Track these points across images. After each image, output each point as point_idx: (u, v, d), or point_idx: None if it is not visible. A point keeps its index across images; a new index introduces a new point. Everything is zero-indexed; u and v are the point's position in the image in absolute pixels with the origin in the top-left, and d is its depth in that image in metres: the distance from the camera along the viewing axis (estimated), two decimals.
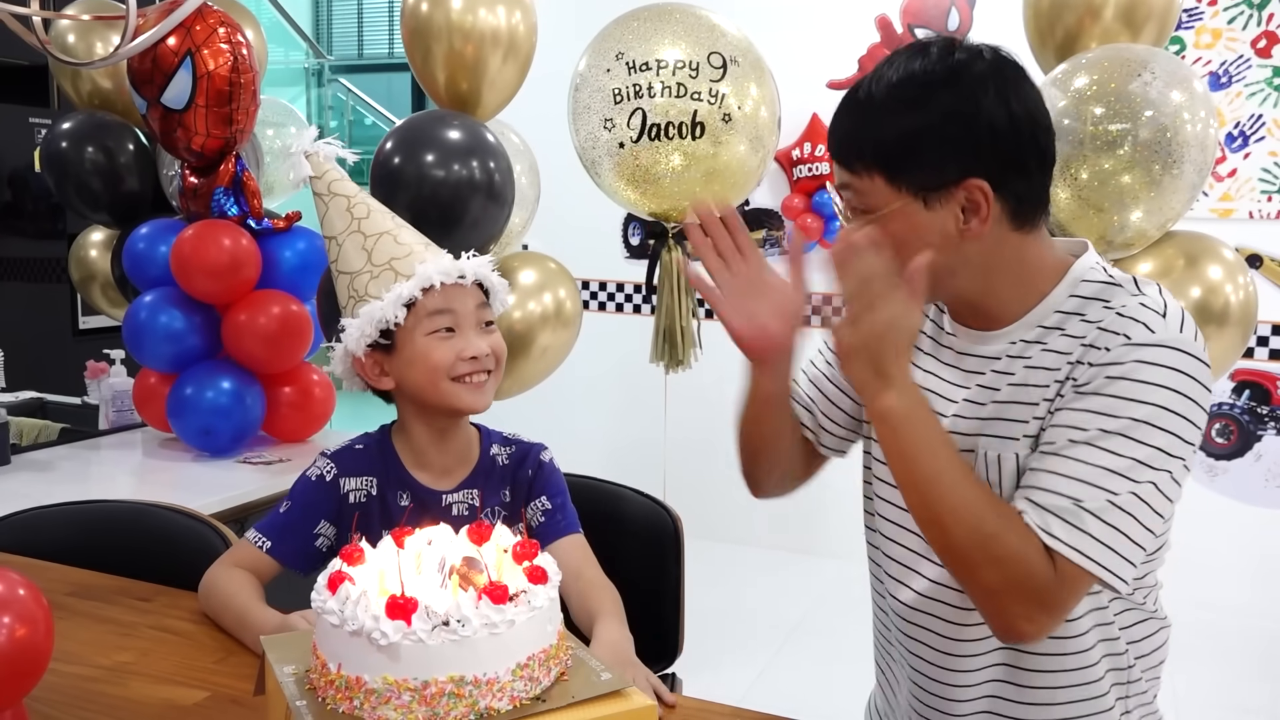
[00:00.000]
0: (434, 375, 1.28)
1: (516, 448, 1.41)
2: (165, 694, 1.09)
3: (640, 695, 0.84)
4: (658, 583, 1.60)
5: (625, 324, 4.66)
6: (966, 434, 1.13)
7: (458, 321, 1.29)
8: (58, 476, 2.25)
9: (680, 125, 2.36)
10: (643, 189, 2.47)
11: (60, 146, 2.81)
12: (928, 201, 1.06)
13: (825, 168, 4.10)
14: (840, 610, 3.77)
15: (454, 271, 1.28)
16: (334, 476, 1.33)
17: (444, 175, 2.28)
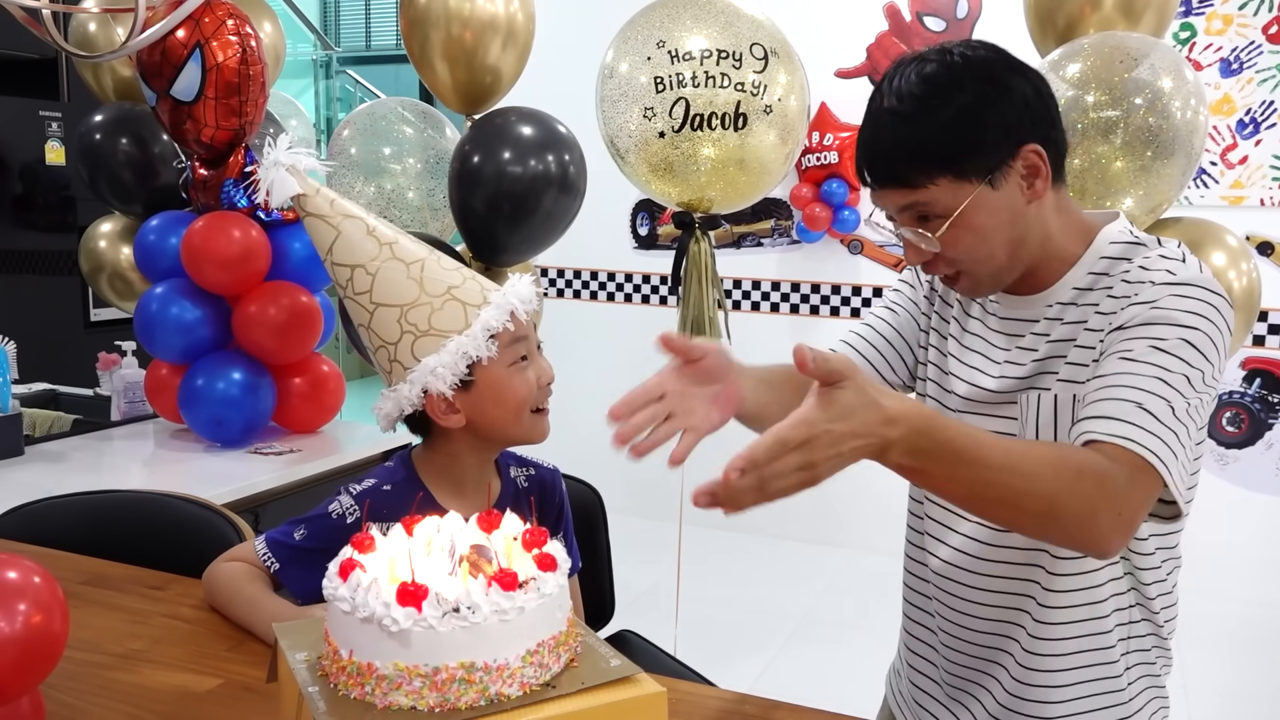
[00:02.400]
0: (519, 409, 1.24)
1: (534, 471, 1.38)
2: (179, 681, 1.10)
3: (650, 681, 0.85)
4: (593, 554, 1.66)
5: (634, 314, 4.67)
6: (1007, 391, 1.18)
7: (530, 349, 1.25)
8: (70, 467, 2.26)
9: (724, 116, 2.36)
10: (673, 179, 2.47)
11: (94, 139, 2.82)
12: (994, 182, 1.09)
13: (834, 157, 4.09)
14: (849, 599, 3.78)
15: (532, 298, 1.23)
16: (356, 519, 1.25)
17: (520, 171, 2.33)
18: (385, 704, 0.79)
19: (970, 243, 1.11)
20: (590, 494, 1.71)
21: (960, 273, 1.15)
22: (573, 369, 4.63)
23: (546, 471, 1.40)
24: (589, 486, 1.72)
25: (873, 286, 4.23)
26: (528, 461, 1.38)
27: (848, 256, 4.26)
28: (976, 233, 1.10)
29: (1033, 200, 1.11)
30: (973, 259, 1.12)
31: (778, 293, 4.41)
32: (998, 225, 1.10)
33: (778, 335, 4.41)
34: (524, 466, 1.38)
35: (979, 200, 1.09)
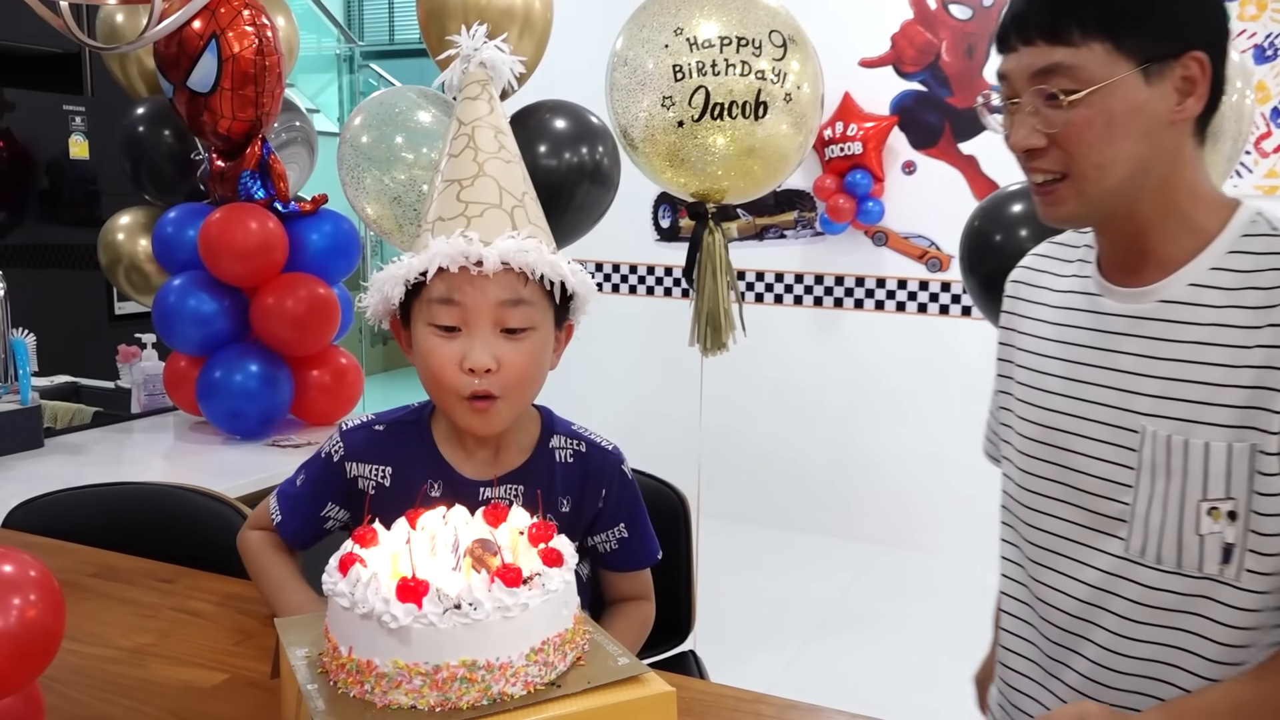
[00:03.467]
0: (436, 383, 1.09)
1: (586, 447, 1.21)
2: (184, 676, 1.09)
3: (658, 681, 0.82)
4: (670, 562, 1.55)
5: (656, 307, 4.64)
6: (1121, 409, 1.04)
7: (466, 318, 1.07)
8: (89, 459, 2.26)
9: (744, 105, 2.31)
10: (686, 169, 2.43)
11: (137, 131, 2.81)
12: (1149, 75, 0.97)
13: (858, 147, 4.04)
14: (876, 595, 3.74)
15: (457, 255, 1.04)
16: (340, 458, 1.19)
17: (555, 164, 2.31)
18: (385, 703, 0.77)
19: (1097, 133, 0.97)
20: (671, 497, 1.59)
21: (1066, 176, 1.01)
22: (592, 361, 4.62)
23: (601, 451, 1.22)
24: (672, 489, 1.59)
25: (897, 279, 4.17)
26: (580, 435, 1.22)
27: (872, 248, 4.20)
28: (1108, 124, 0.97)
29: (1177, 121, 0.98)
30: (1089, 157, 0.99)
31: (800, 285, 4.36)
32: (1133, 129, 0.97)
33: (800, 328, 4.37)
34: (574, 439, 1.21)
35: (1126, 86, 0.96)
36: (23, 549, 1.46)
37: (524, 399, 1.14)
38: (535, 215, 1.12)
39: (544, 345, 1.13)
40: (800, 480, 4.40)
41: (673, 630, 1.59)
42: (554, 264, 1.09)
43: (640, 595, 1.29)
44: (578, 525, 1.21)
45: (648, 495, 1.52)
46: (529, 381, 1.12)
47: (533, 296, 1.09)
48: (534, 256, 1.06)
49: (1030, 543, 1.16)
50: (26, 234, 4.15)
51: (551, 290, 1.10)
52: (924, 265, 4.12)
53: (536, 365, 1.12)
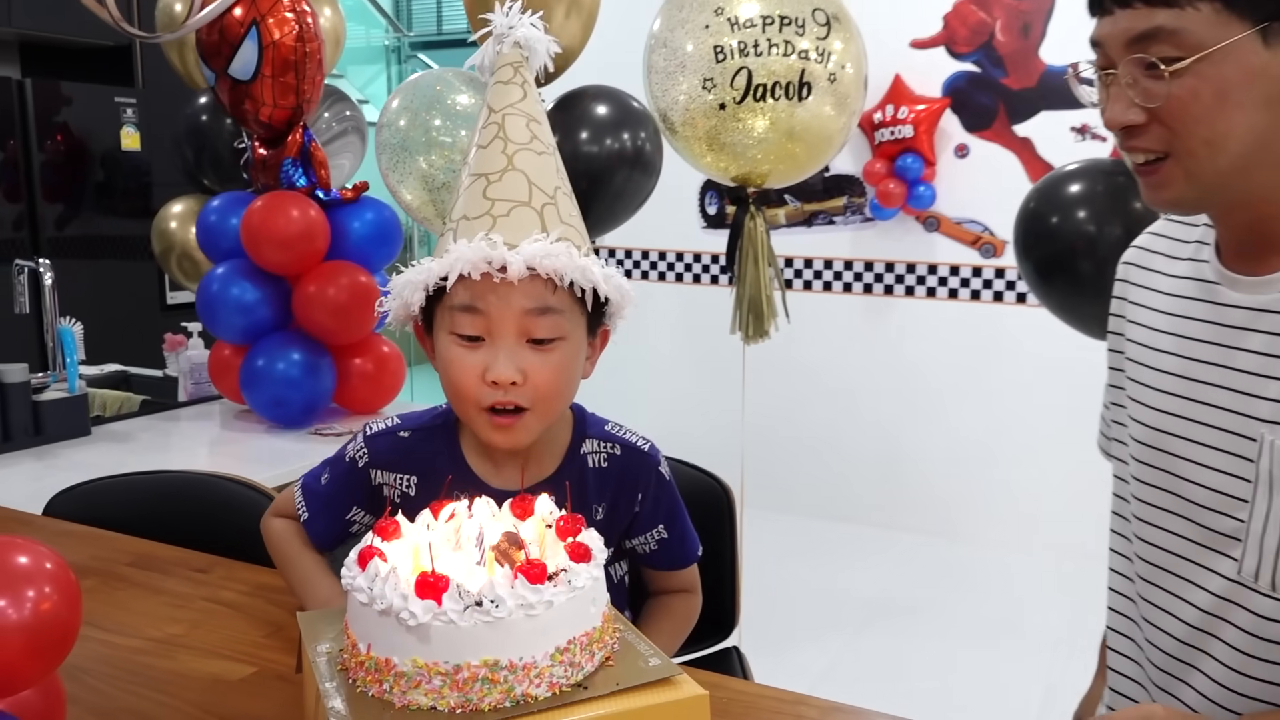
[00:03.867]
0: (456, 392, 1.03)
1: (621, 450, 1.14)
2: (212, 668, 1.07)
3: (691, 683, 0.78)
4: (714, 556, 1.49)
5: (701, 295, 4.59)
6: (1239, 413, 0.92)
7: (489, 328, 1.00)
8: (134, 447, 2.27)
9: (788, 85, 2.25)
10: (725, 153, 2.37)
11: (199, 121, 2.83)
12: (1267, 35, 0.84)
13: (909, 130, 3.95)
14: (923, 588, 3.67)
15: (479, 261, 0.97)
16: (365, 465, 1.14)
17: (596, 150, 2.27)
18: (404, 703, 0.74)
19: (1206, 106, 0.85)
20: (715, 488, 1.53)
21: (1169, 155, 0.89)
22: (639, 351, 4.58)
23: (636, 453, 1.15)
24: (715, 480, 1.54)
25: (949, 265, 4.08)
26: (614, 436, 1.15)
27: (923, 234, 4.11)
28: (1219, 94, 0.85)
29: None
30: (1196, 133, 0.87)
31: (850, 272, 4.28)
32: (1249, 98, 0.84)
33: (850, 316, 4.29)
34: (607, 442, 1.14)
35: (1239, 50, 0.84)
36: (60, 537, 1.47)
37: (552, 413, 1.07)
38: (568, 214, 1.04)
39: (574, 355, 1.05)
40: (846, 470, 4.33)
41: (716, 626, 1.54)
42: (585, 269, 1.00)
43: (685, 588, 1.24)
44: (613, 531, 1.15)
45: (690, 485, 1.48)
46: (557, 395, 1.05)
47: (562, 304, 1.02)
48: (563, 261, 0.98)
49: (1140, 558, 1.05)
50: (82, 226, 4.21)
51: (583, 296, 1.03)
52: (977, 251, 4.02)
53: (566, 377, 1.05)
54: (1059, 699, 2.85)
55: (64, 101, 4.09)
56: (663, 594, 1.25)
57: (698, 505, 1.48)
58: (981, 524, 4.07)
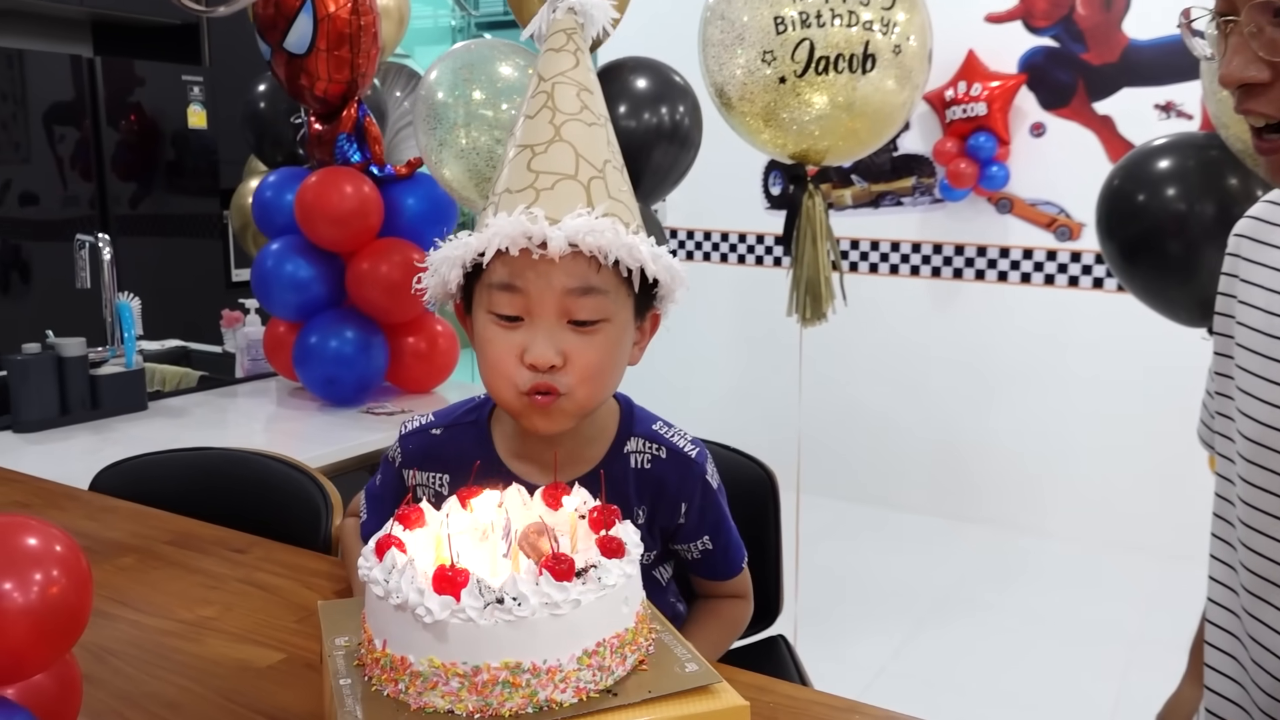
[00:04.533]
0: (493, 373, 0.97)
1: (666, 452, 1.07)
2: (241, 654, 1.03)
3: (731, 693, 0.72)
4: (756, 542, 1.43)
5: (763, 277, 4.49)
6: None
7: (529, 307, 0.94)
8: (188, 422, 2.28)
9: (851, 58, 2.15)
10: (783, 129, 2.28)
11: (259, 107, 2.82)
12: None
13: (981, 108, 3.81)
14: (988, 580, 3.56)
15: (518, 236, 0.91)
16: (399, 464, 1.11)
17: (634, 125, 2.21)
18: (420, 705, 0.69)
19: None
20: (758, 473, 1.47)
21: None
22: (697, 333, 4.51)
23: (682, 460, 1.07)
24: (758, 465, 1.48)
25: (1022, 248, 3.93)
26: (660, 438, 1.07)
27: (995, 215, 3.97)
28: None
29: None
30: None
31: (918, 255, 4.16)
32: None
33: (917, 300, 4.16)
34: (654, 443, 1.07)
35: None
36: (103, 512, 1.45)
37: (593, 399, 0.99)
38: (617, 188, 0.97)
39: (619, 339, 0.99)
40: (908, 459, 4.22)
41: (761, 613, 1.47)
42: (631, 247, 0.93)
43: (735, 594, 1.18)
44: (653, 535, 1.09)
45: (733, 471, 1.42)
46: (599, 380, 0.98)
47: (606, 284, 0.95)
48: (608, 238, 0.92)
49: (1246, 568, 0.94)
50: (151, 204, 4.26)
51: (630, 277, 0.96)
52: (1052, 234, 3.87)
53: (609, 362, 0.98)
54: (1132, 702, 2.73)
55: (133, 80, 4.13)
56: (710, 598, 1.19)
57: (739, 490, 1.42)
58: (1049, 517, 3.94)
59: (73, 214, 3.95)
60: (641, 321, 1.03)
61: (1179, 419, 3.55)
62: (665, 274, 0.99)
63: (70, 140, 3.94)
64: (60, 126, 3.91)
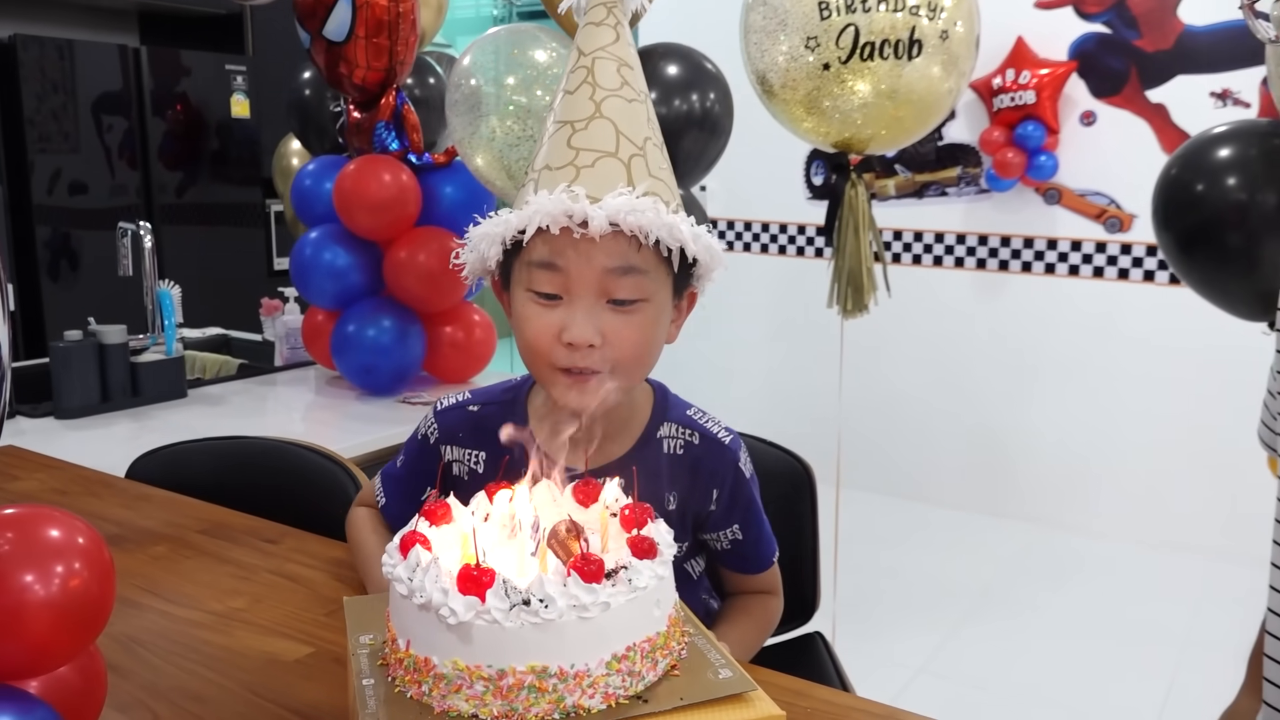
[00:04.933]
0: (530, 349, 0.97)
1: (700, 438, 1.06)
2: (269, 646, 1.02)
3: (768, 702, 0.69)
4: (794, 537, 1.42)
5: (805, 268, 4.44)
6: None
7: (568, 286, 0.93)
8: (226, 411, 2.28)
9: (897, 44, 2.10)
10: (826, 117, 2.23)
11: (303, 95, 2.83)
12: None
13: (1030, 96, 3.72)
14: (1032, 578, 3.49)
15: (559, 214, 0.90)
16: (435, 440, 1.10)
17: (665, 111, 2.19)
18: (443, 708, 0.67)
19: None
20: (795, 467, 1.44)
21: None
22: (736, 324, 4.47)
23: (716, 445, 1.06)
24: (795, 458, 1.44)
25: (1070, 240, 3.84)
26: (694, 423, 1.07)
27: (1043, 206, 3.88)
28: None
29: None
30: None
31: (963, 246, 4.08)
32: None
33: (961, 293, 4.09)
34: (687, 428, 1.06)
35: None
36: (137, 500, 1.45)
37: (632, 378, 0.99)
38: (658, 166, 0.96)
39: (658, 318, 0.98)
40: (951, 454, 4.15)
41: (797, 610, 1.45)
42: (672, 226, 0.93)
43: (764, 590, 1.15)
44: (685, 523, 1.08)
45: (769, 464, 1.40)
46: (639, 359, 0.98)
47: (646, 264, 0.94)
48: (649, 217, 0.91)
49: None
50: (198, 193, 4.30)
51: (670, 256, 0.95)
52: (1102, 225, 3.78)
53: (648, 341, 0.97)
54: (1180, 705, 2.66)
55: (179, 69, 4.16)
56: (740, 594, 1.16)
57: (777, 484, 1.40)
58: (1095, 515, 3.86)
59: (119, 203, 3.99)
60: (679, 300, 1.03)
61: (1232, 416, 3.47)
62: (705, 253, 0.98)
63: (118, 130, 3.98)
64: (108, 116, 3.95)
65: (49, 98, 3.77)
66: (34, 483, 1.55)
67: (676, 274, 0.98)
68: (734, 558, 1.11)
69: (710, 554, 1.14)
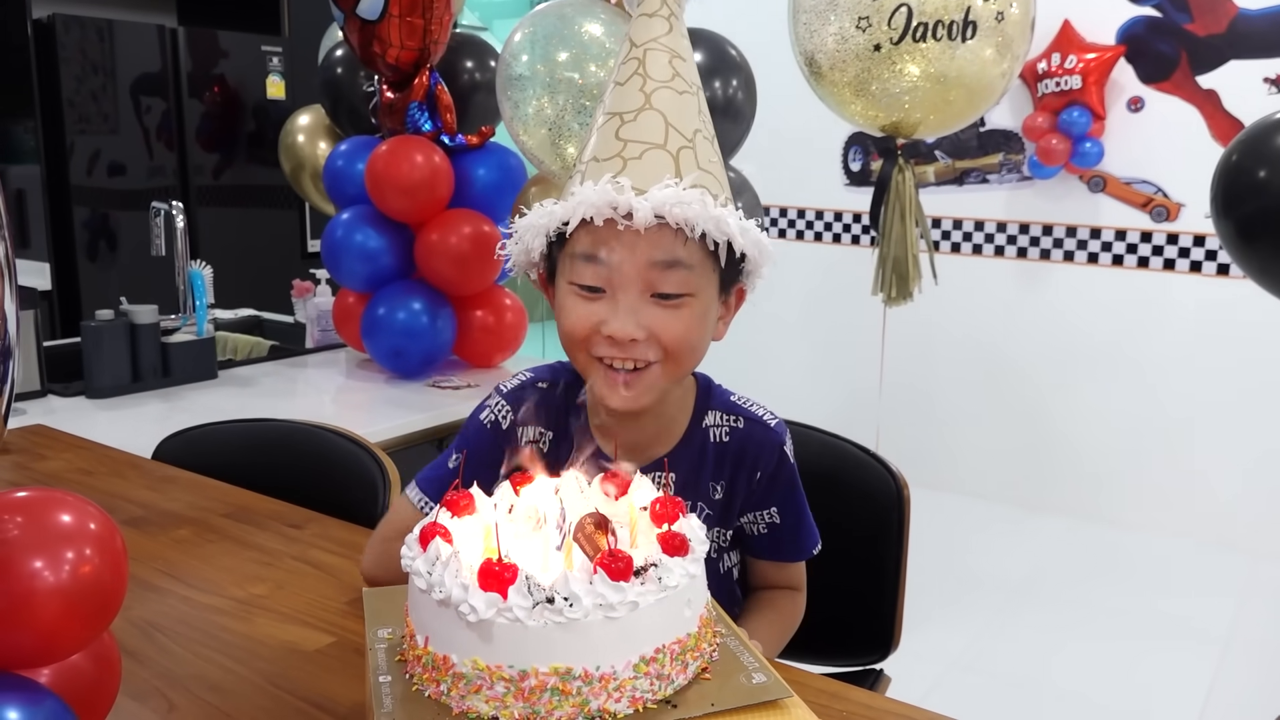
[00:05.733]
0: (570, 340, 0.96)
1: (745, 423, 1.05)
2: (289, 635, 1.00)
3: (803, 708, 0.65)
4: (874, 559, 1.32)
5: (842, 256, 4.37)
6: None
7: (611, 279, 0.91)
8: (256, 392, 2.27)
9: (950, 25, 2.04)
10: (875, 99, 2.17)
11: (336, 73, 2.81)
12: None
13: (1076, 81, 3.63)
14: (1069, 573, 3.42)
15: (604, 206, 0.89)
16: (510, 423, 1.05)
17: None
18: (462, 709, 0.64)
19: None
20: (882, 475, 1.31)
21: None
22: (772, 314, 4.41)
23: (761, 427, 1.05)
24: (883, 464, 1.32)
25: (1114, 229, 3.75)
26: (739, 409, 1.06)
27: (1087, 195, 3.79)
28: None
29: None
30: None
31: (1003, 234, 4.00)
32: None
33: (1002, 282, 4.01)
34: (732, 414, 1.05)
35: None
36: (163, 482, 1.43)
37: (675, 375, 0.97)
38: (707, 159, 0.94)
39: (703, 315, 0.95)
40: (990, 445, 4.08)
41: (869, 644, 1.35)
42: (719, 220, 0.90)
43: (790, 586, 1.12)
44: (731, 512, 1.05)
45: (850, 466, 1.32)
46: (682, 356, 0.95)
47: (692, 258, 0.92)
48: (695, 210, 0.89)
49: None
50: (234, 175, 4.30)
51: (717, 250, 0.93)
52: (1147, 214, 3.68)
53: (694, 337, 0.95)
54: (1220, 705, 2.59)
55: (216, 51, 4.16)
56: (766, 590, 1.13)
57: (856, 493, 1.32)
58: (1137, 509, 3.78)
59: (156, 184, 4.00)
60: (726, 296, 1.00)
61: None
62: (754, 248, 0.96)
63: (156, 111, 3.99)
64: (146, 97, 3.96)
65: (88, 79, 3.78)
66: (61, 463, 1.54)
67: (724, 269, 0.96)
68: (768, 543, 1.08)
69: (744, 544, 1.10)
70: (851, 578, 1.30)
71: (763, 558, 1.10)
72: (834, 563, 1.17)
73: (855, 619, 1.33)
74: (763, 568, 1.12)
